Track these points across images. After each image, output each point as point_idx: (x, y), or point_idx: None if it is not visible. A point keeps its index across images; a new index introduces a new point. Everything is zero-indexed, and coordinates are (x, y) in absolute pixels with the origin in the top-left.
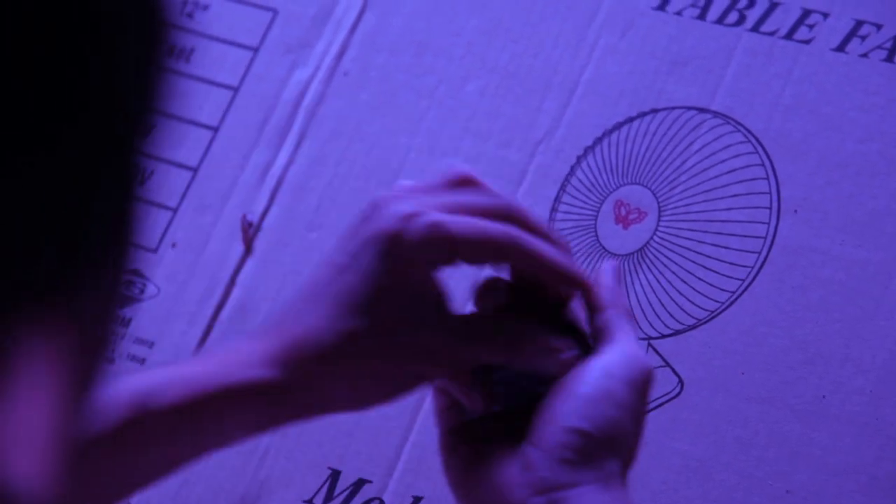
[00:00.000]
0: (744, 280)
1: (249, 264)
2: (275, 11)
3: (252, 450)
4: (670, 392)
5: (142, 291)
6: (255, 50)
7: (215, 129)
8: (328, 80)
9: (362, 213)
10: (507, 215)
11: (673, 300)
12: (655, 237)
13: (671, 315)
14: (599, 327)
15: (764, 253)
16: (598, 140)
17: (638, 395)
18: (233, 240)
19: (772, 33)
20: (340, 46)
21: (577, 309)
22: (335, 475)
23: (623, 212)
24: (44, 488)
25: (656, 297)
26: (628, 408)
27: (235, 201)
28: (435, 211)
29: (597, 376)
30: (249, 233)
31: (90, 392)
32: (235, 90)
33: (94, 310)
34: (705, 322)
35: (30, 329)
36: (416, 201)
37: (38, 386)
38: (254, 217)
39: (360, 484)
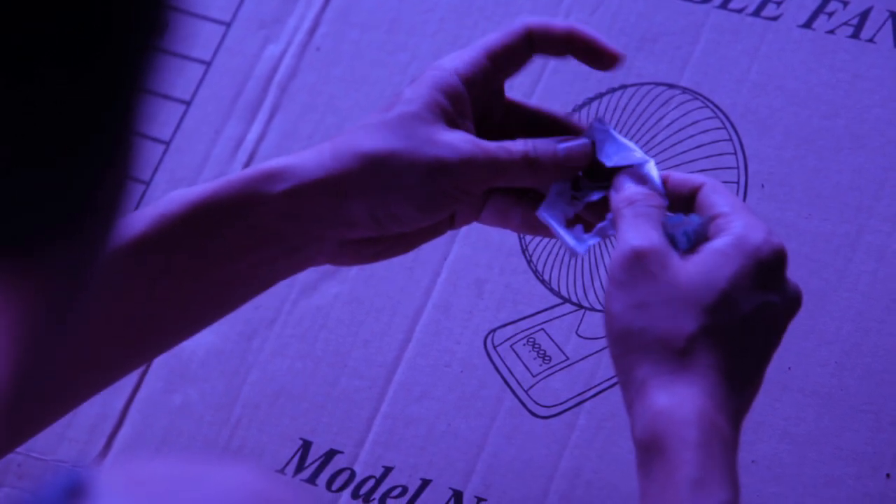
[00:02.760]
0: None
1: None
2: None
3: (224, 420)
4: None
5: None
6: (228, 25)
7: (188, 104)
8: (300, 54)
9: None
10: None
11: None
12: None
13: None
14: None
15: None
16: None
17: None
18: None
19: (740, 10)
20: (313, 22)
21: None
22: (307, 446)
23: None
24: None
25: None
26: None
27: (208, 175)
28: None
29: None
30: None
31: (58, 341)
32: (208, 65)
33: (75, 266)
34: None
35: None
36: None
37: None
38: None
39: (331, 454)
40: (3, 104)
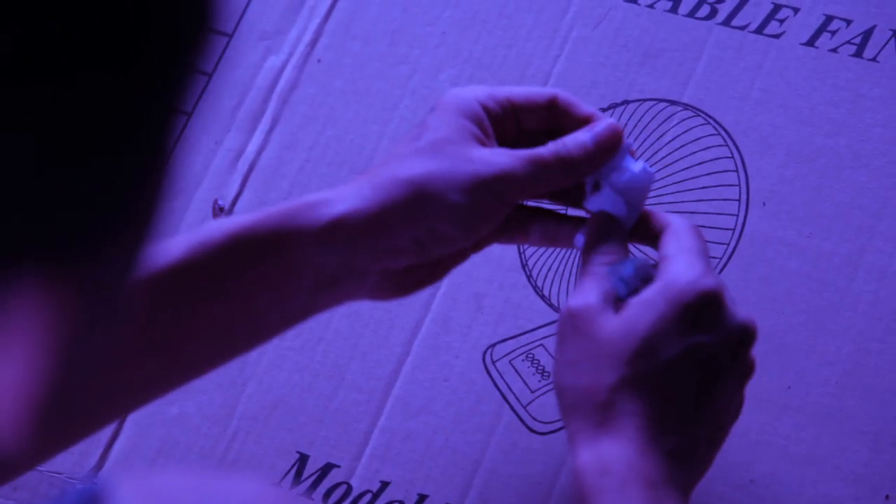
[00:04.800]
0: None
1: None
2: None
3: (221, 432)
4: None
5: None
6: (230, 36)
7: (188, 114)
8: (302, 66)
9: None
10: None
11: None
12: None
13: None
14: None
15: (732, 244)
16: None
17: None
18: (204, 224)
19: (743, 27)
20: (314, 34)
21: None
22: (303, 459)
23: None
24: (6, 442)
25: None
26: None
27: (207, 186)
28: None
29: None
30: (221, 217)
31: (91, 350)
32: (209, 76)
33: (109, 275)
34: None
35: (32, 285)
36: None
37: (24, 343)
38: (225, 202)
39: (328, 468)
40: (46, 107)
